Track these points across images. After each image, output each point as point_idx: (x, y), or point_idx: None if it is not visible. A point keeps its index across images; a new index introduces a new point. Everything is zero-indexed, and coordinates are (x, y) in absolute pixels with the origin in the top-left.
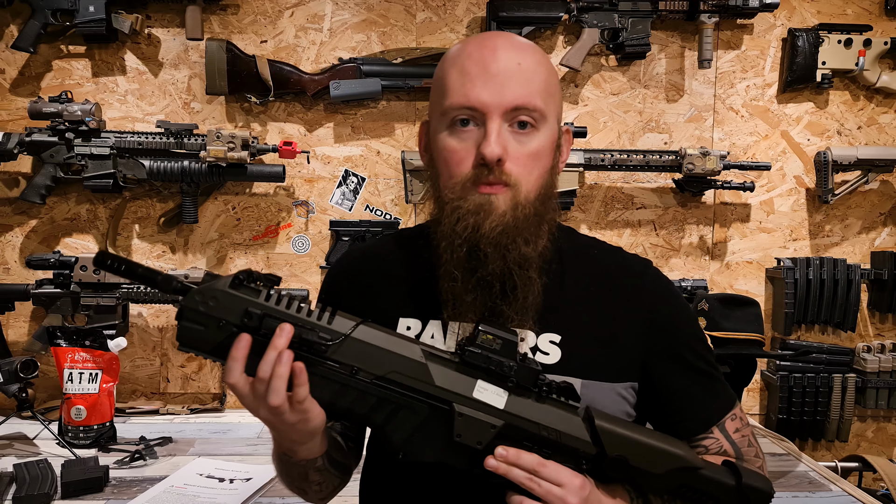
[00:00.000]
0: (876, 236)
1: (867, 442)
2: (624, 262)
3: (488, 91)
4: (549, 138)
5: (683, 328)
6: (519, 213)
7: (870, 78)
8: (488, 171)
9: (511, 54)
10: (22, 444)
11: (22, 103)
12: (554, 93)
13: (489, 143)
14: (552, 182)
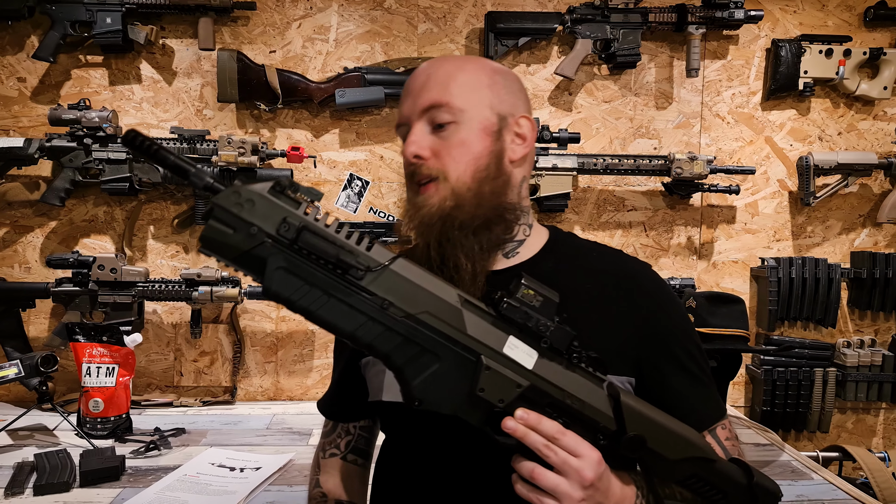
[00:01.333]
0: (855, 237)
1: (847, 433)
2: (622, 263)
3: (407, 105)
4: (474, 128)
5: (678, 330)
6: (451, 200)
7: (849, 86)
8: (414, 169)
9: (424, 71)
10: (42, 434)
11: (42, 110)
12: (476, 87)
13: (407, 145)
14: (496, 166)
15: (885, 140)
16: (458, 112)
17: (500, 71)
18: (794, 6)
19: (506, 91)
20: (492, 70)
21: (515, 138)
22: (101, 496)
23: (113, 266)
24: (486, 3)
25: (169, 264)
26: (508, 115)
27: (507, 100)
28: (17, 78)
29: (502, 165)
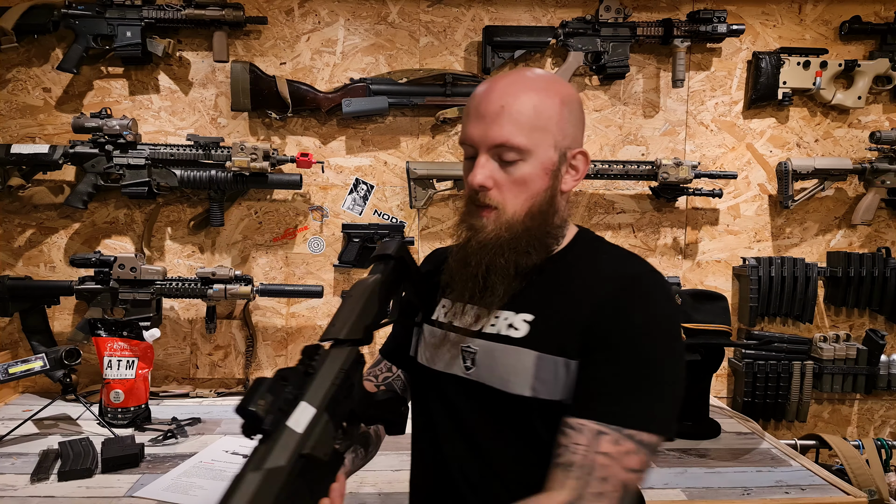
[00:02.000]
0: (831, 238)
1: (823, 422)
2: (621, 268)
3: (477, 130)
4: (536, 167)
5: (636, 328)
6: (505, 231)
7: (826, 96)
8: (477, 196)
9: (498, 97)
10: (66, 423)
11: (66, 119)
12: (546, 126)
13: (474, 174)
14: (548, 202)
15: (859, 147)
16: (524, 152)
17: (569, 101)
18: (774, 21)
19: (570, 124)
20: (562, 102)
21: (570, 170)
22: (122, 482)
23: (133, 265)
24: (483, 17)
25: (185, 263)
26: (568, 150)
27: (570, 134)
28: (43, 88)
29: (555, 200)
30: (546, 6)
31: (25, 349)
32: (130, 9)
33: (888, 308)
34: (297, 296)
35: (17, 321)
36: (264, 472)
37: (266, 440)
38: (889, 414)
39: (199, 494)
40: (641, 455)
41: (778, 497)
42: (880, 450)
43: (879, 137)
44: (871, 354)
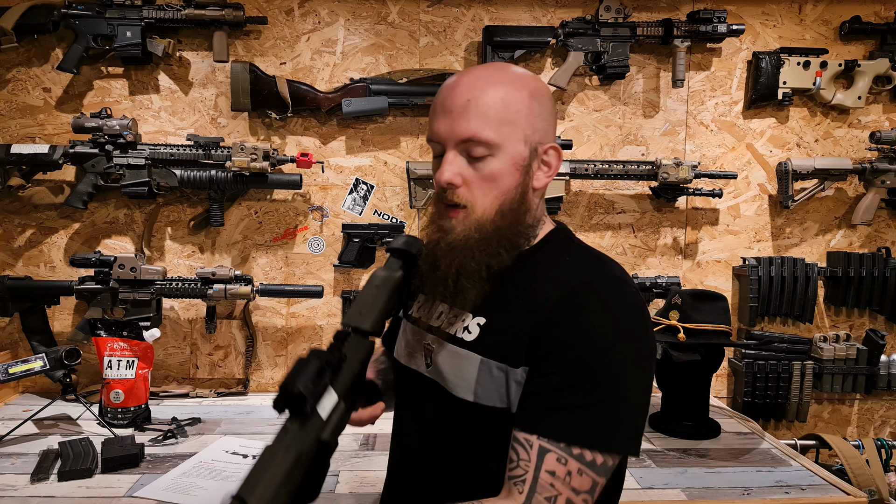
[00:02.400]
0: (831, 238)
1: (823, 422)
2: (578, 274)
3: (444, 125)
4: (506, 163)
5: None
6: (475, 232)
7: (826, 96)
8: (445, 194)
9: (465, 91)
10: (66, 423)
11: (66, 119)
12: (514, 120)
13: (441, 171)
14: (519, 199)
15: (859, 147)
16: (493, 147)
17: (538, 94)
18: (774, 20)
19: (540, 118)
20: (531, 95)
21: (542, 166)
22: (122, 482)
23: (133, 265)
24: (483, 17)
25: (185, 263)
26: (539, 145)
27: (541, 128)
28: (43, 88)
29: (526, 197)
30: (546, 6)
31: (25, 349)
32: (130, 9)
33: (888, 308)
34: (297, 296)
35: (17, 321)
36: (296, 456)
37: (299, 422)
38: (889, 414)
39: (199, 494)
40: (590, 475)
41: (778, 497)
42: (880, 450)
43: (879, 137)
44: (871, 354)
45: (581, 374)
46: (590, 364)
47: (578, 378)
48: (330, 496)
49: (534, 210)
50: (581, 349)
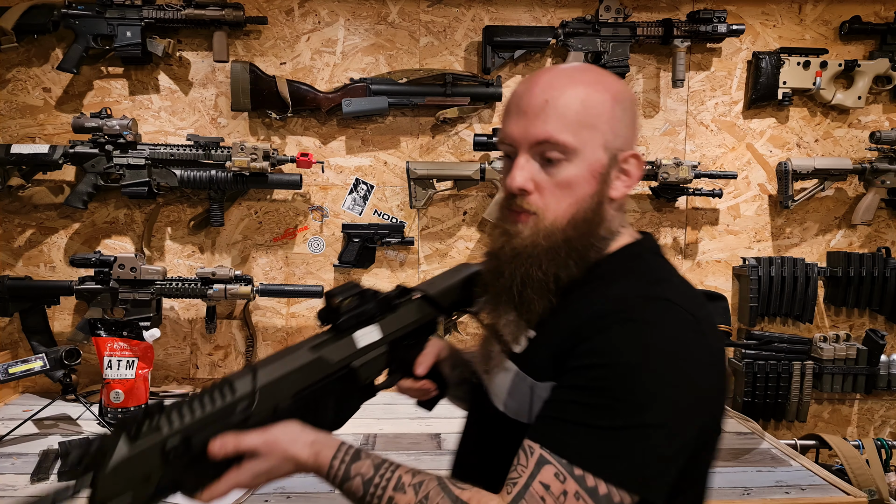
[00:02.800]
0: (831, 238)
1: (823, 422)
2: (627, 285)
3: (518, 127)
4: (583, 169)
5: (607, 353)
6: (543, 240)
7: (826, 96)
8: (514, 200)
9: (543, 91)
10: (66, 423)
11: (66, 119)
12: (595, 124)
13: (512, 175)
14: (594, 209)
15: (859, 147)
16: (570, 151)
17: (622, 98)
18: (774, 21)
19: (623, 124)
20: (614, 99)
21: (621, 175)
22: None
23: (133, 265)
24: (483, 17)
25: (185, 263)
26: (619, 152)
27: (623, 134)
28: (43, 88)
29: (601, 208)
30: (546, 6)
31: (25, 349)
32: (130, 9)
33: (888, 308)
34: (297, 296)
35: (17, 321)
36: (316, 358)
37: (333, 335)
38: (889, 414)
39: None
40: (559, 493)
41: (778, 497)
42: (880, 450)
43: (879, 137)
44: (871, 354)
45: (600, 392)
46: (612, 385)
47: (596, 396)
48: (330, 496)
49: (608, 222)
50: (604, 368)
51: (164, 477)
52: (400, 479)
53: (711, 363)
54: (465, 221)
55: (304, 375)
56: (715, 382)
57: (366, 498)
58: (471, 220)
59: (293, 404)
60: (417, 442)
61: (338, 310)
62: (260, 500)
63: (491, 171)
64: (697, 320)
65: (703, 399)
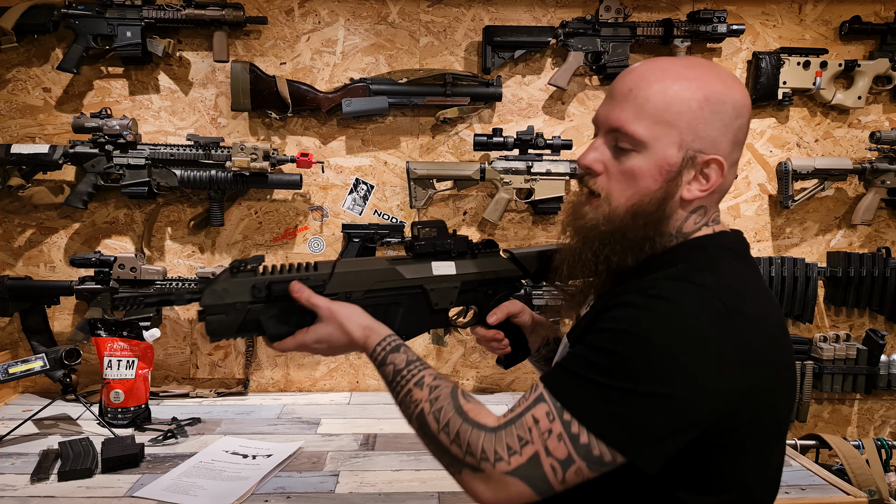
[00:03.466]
0: (831, 238)
1: (823, 422)
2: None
3: (602, 109)
4: (650, 163)
5: (612, 323)
6: (603, 223)
7: (826, 96)
8: (584, 179)
9: (634, 79)
10: (66, 423)
11: (66, 119)
12: (672, 121)
13: (584, 153)
14: (657, 205)
15: (859, 146)
16: (639, 144)
17: (717, 101)
18: (774, 21)
19: (710, 126)
20: (705, 98)
21: (698, 178)
22: (122, 482)
23: (133, 265)
24: (483, 17)
25: (185, 263)
26: (699, 154)
27: (707, 136)
28: (43, 88)
29: (666, 206)
30: (546, 6)
31: (25, 349)
32: (130, 9)
33: (888, 308)
34: None
35: (17, 321)
36: (391, 268)
37: (411, 257)
38: (889, 414)
39: (199, 494)
40: (568, 448)
41: (778, 497)
42: (880, 450)
43: (879, 137)
44: (871, 354)
45: (605, 353)
46: (619, 349)
47: (602, 356)
48: (330, 496)
49: (675, 221)
50: (615, 332)
51: (250, 312)
52: (423, 377)
53: (735, 355)
54: (465, 221)
55: (376, 277)
56: (735, 375)
57: (392, 384)
58: (471, 220)
59: (365, 299)
60: (417, 442)
61: (417, 237)
62: (260, 500)
63: (491, 171)
64: (728, 310)
65: (712, 386)
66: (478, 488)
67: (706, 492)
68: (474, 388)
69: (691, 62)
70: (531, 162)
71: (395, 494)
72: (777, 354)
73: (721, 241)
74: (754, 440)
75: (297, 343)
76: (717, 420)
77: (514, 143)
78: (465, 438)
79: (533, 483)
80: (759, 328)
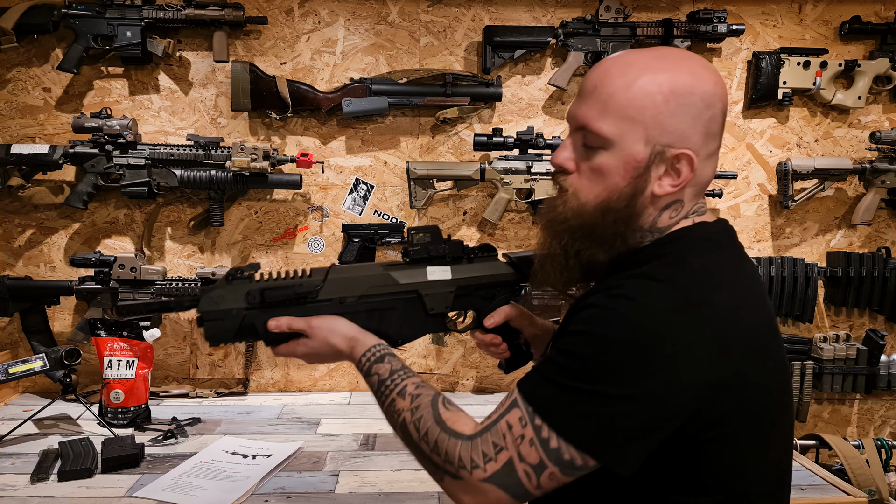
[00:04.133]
0: (831, 238)
1: (823, 422)
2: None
3: (572, 107)
4: (617, 160)
5: (579, 327)
6: (572, 218)
7: (826, 96)
8: (555, 176)
9: (599, 75)
10: (66, 423)
11: (66, 119)
12: (637, 117)
13: (556, 152)
14: (626, 201)
15: (859, 147)
16: (605, 141)
17: (683, 92)
18: (774, 20)
19: (676, 119)
20: (670, 91)
21: (669, 172)
22: (122, 482)
23: (133, 265)
24: (483, 17)
25: (185, 263)
26: (667, 148)
27: (675, 130)
28: (43, 88)
29: (635, 202)
30: (546, 6)
31: (25, 349)
32: (130, 9)
33: (888, 308)
34: None
35: (17, 321)
36: (385, 273)
37: (407, 262)
38: (889, 414)
39: (199, 494)
40: (539, 453)
41: None
42: (880, 450)
43: (879, 137)
44: (871, 354)
45: (572, 356)
46: (583, 351)
47: (569, 358)
48: (330, 496)
49: (648, 217)
50: (580, 335)
51: (246, 317)
52: (405, 387)
53: (703, 349)
54: (465, 221)
55: (371, 283)
56: (703, 369)
57: (377, 394)
58: (471, 220)
59: (359, 304)
60: None
61: (411, 242)
62: (260, 500)
63: (491, 171)
64: (692, 303)
65: (677, 383)
66: (459, 495)
67: (697, 493)
68: (474, 388)
69: (660, 53)
70: (531, 162)
71: (395, 494)
72: (755, 344)
73: (697, 233)
74: (741, 435)
75: (290, 352)
76: (690, 416)
77: (514, 143)
78: (443, 448)
79: (509, 489)
80: (731, 319)
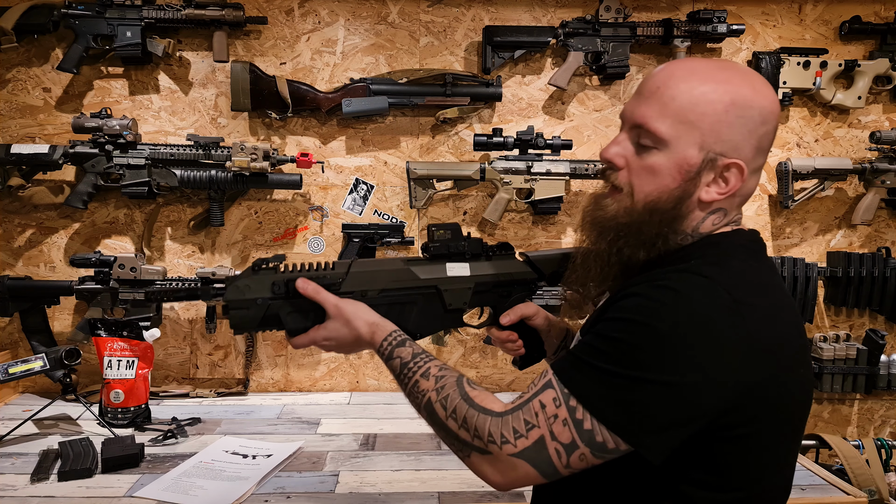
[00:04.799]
0: (831, 238)
1: (823, 422)
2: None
3: (629, 105)
4: (670, 161)
5: (617, 314)
6: (623, 216)
7: (826, 96)
8: (605, 173)
9: (662, 77)
10: (66, 423)
11: (66, 119)
12: (696, 122)
13: (607, 147)
14: (674, 203)
15: (859, 146)
16: (660, 141)
17: (743, 104)
18: (774, 20)
19: (732, 129)
20: (731, 102)
21: (717, 180)
22: (122, 482)
23: (133, 265)
24: (483, 17)
25: (185, 263)
26: (719, 157)
27: (730, 140)
28: (43, 88)
29: (682, 204)
30: (546, 6)
31: (25, 349)
32: (130, 9)
33: (888, 308)
34: None
35: (17, 321)
36: (405, 269)
37: (428, 258)
38: (889, 414)
39: (199, 494)
40: (573, 433)
41: None
42: (880, 450)
43: (879, 137)
44: (871, 354)
45: (611, 341)
46: (624, 337)
47: (608, 343)
48: (330, 496)
49: (692, 221)
50: (621, 321)
51: (270, 307)
52: (429, 368)
53: (743, 347)
54: (465, 221)
55: (391, 277)
56: (742, 367)
57: (400, 376)
58: (471, 220)
59: (380, 298)
60: (417, 442)
61: (432, 238)
62: (260, 500)
63: (491, 171)
64: (736, 301)
65: (717, 376)
66: (486, 470)
67: (713, 488)
68: None
69: (723, 65)
70: (531, 162)
71: (395, 494)
72: (790, 350)
73: (737, 240)
74: (764, 438)
75: (310, 339)
76: (722, 412)
77: (514, 143)
78: (472, 423)
79: (538, 465)
80: (770, 323)
